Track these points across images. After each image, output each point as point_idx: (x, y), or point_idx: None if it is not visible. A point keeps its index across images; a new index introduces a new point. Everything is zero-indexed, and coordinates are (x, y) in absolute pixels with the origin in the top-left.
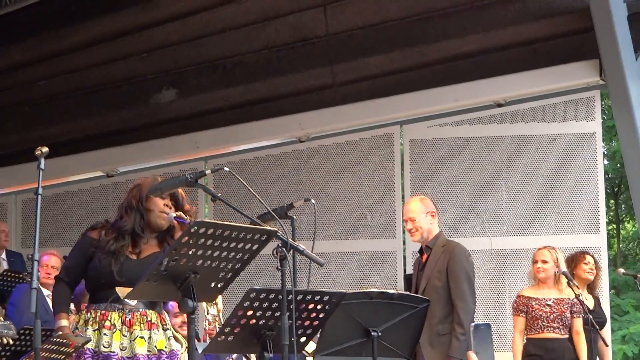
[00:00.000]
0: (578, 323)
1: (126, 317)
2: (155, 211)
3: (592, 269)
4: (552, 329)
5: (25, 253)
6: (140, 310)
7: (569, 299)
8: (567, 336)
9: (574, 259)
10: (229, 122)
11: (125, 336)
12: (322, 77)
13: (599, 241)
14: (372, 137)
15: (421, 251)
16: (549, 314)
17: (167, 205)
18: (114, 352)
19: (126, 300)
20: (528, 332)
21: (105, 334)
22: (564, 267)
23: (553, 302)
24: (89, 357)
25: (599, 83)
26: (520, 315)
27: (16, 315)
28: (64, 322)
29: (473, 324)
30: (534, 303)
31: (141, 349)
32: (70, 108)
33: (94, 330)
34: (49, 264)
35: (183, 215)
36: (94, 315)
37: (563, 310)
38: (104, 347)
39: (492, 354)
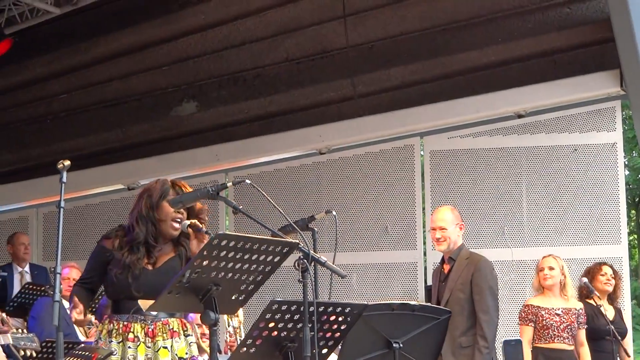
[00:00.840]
0: (582, 334)
1: (149, 328)
2: (167, 221)
3: (609, 280)
4: (562, 339)
5: (47, 266)
6: (162, 319)
7: (575, 309)
8: (573, 347)
9: (591, 271)
10: (250, 134)
11: (149, 347)
12: (342, 88)
13: (620, 252)
14: (392, 148)
15: (442, 261)
16: (559, 323)
17: (179, 212)
18: None
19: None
20: (537, 341)
21: (129, 347)
22: (584, 278)
23: (562, 311)
24: None
25: (620, 93)
26: (529, 324)
27: (37, 328)
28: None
29: (504, 339)
30: (543, 312)
31: (165, 359)
32: (91, 121)
33: (118, 343)
34: (70, 276)
35: (198, 224)
36: (116, 327)
37: (572, 320)
38: None
39: None
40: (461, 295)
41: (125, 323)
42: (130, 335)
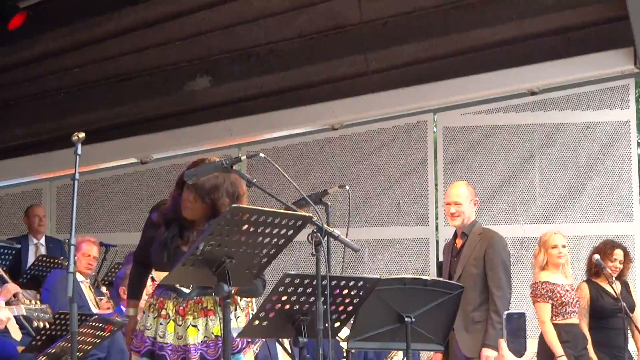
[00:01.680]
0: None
1: (180, 306)
2: (185, 202)
3: (616, 268)
4: (575, 314)
5: (62, 239)
6: (195, 298)
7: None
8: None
9: (601, 252)
10: (263, 109)
11: (180, 325)
12: (355, 64)
13: (632, 229)
14: (405, 124)
15: (455, 236)
16: (571, 299)
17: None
18: (167, 343)
19: (181, 288)
20: (554, 317)
21: (161, 324)
22: (596, 255)
23: (569, 287)
24: (148, 345)
25: (633, 71)
26: (547, 301)
27: (50, 300)
28: (131, 312)
29: (506, 312)
30: (559, 289)
31: (193, 338)
32: (104, 95)
33: (154, 318)
34: (91, 253)
35: None
36: (154, 302)
37: (577, 296)
38: (160, 337)
39: (524, 344)
40: (474, 271)
41: (161, 299)
42: (163, 312)
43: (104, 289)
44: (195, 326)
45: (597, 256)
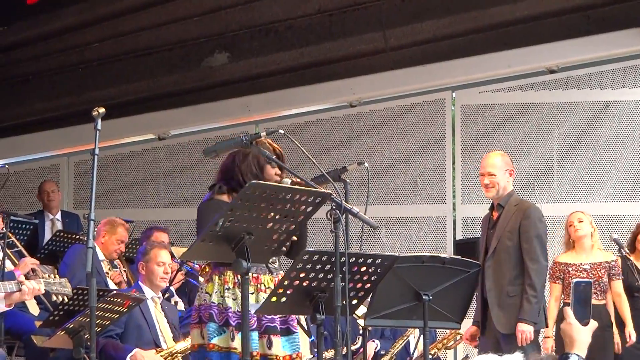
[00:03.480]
0: (618, 285)
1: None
2: (272, 180)
3: None
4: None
5: (79, 214)
6: (253, 275)
7: (607, 262)
8: (604, 302)
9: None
10: (281, 86)
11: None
12: (374, 41)
13: None
14: (423, 102)
15: (492, 208)
16: (587, 279)
17: (277, 175)
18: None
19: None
20: (565, 297)
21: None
22: (613, 234)
23: (590, 267)
24: (236, 320)
25: None
26: (557, 282)
27: (69, 275)
28: None
29: (574, 280)
30: (570, 269)
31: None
32: (123, 71)
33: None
34: (125, 240)
35: (300, 181)
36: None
37: (600, 275)
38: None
39: (589, 312)
40: (509, 243)
41: (255, 275)
42: (262, 287)
43: (117, 261)
44: None
45: (614, 236)
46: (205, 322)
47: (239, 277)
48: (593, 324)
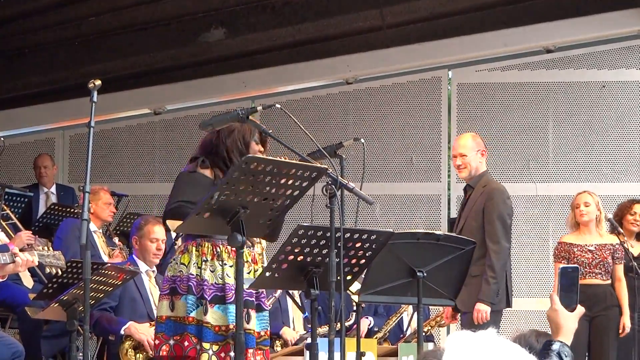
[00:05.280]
0: (619, 269)
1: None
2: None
3: (636, 220)
4: (593, 274)
5: (76, 186)
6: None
7: (611, 244)
8: (609, 282)
9: (621, 208)
10: (277, 62)
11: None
12: (371, 19)
13: None
14: (419, 80)
15: (466, 190)
16: (590, 260)
17: (260, 152)
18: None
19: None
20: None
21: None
22: (608, 214)
23: (595, 247)
24: (212, 293)
25: None
26: (562, 262)
27: (63, 248)
28: None
29: (561, 266)
30: (575, 249)
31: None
32: (119, 45)
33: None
34: (111, 202)
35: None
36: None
37: (605, 256)
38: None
39: (576, 298)
40: (473, 224)
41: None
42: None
43: (116, 240)
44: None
45: (609, 216)
46: (181, 294)
47: (218, 248)
48: (579, 310)
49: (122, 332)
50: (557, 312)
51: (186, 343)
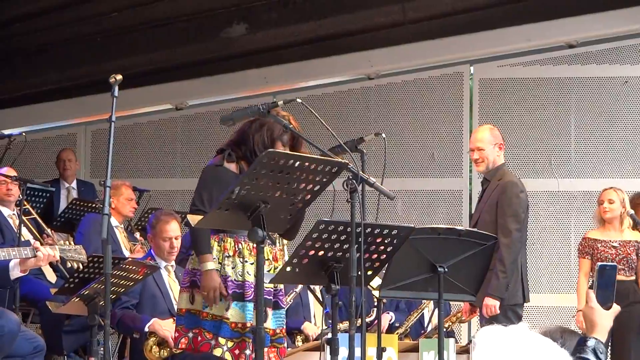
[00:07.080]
0: None
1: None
2: None
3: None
4: (621, 271)
5: (97, 182)
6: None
7: (635, 241)
8: (633, 278)
9: (633, 201)
10: (299, 57)
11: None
12: (392, 14)
13: None
14: (441, 75)
15: (483, 183)
16: (614, 256)
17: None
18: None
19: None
20: (594, 274)
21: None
22: (630, 209)
23: (619, 244)
24: (233, 289)
25: None
26: (586, 257)
27: (84, 244)
28: (210, 265)
29: (599, 264)
30: (599, 245)
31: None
32: (140, 41)
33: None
34: (134, 197)
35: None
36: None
37: (629, 252)
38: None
39: (612, 296)
40: (487, 218)
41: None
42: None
43: (137, 235)
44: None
45: (631, 211)
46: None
47: (239, 245)
48: (615, 308)
49: (146, 329)
50: (593, 309)
51: (199, 338)
